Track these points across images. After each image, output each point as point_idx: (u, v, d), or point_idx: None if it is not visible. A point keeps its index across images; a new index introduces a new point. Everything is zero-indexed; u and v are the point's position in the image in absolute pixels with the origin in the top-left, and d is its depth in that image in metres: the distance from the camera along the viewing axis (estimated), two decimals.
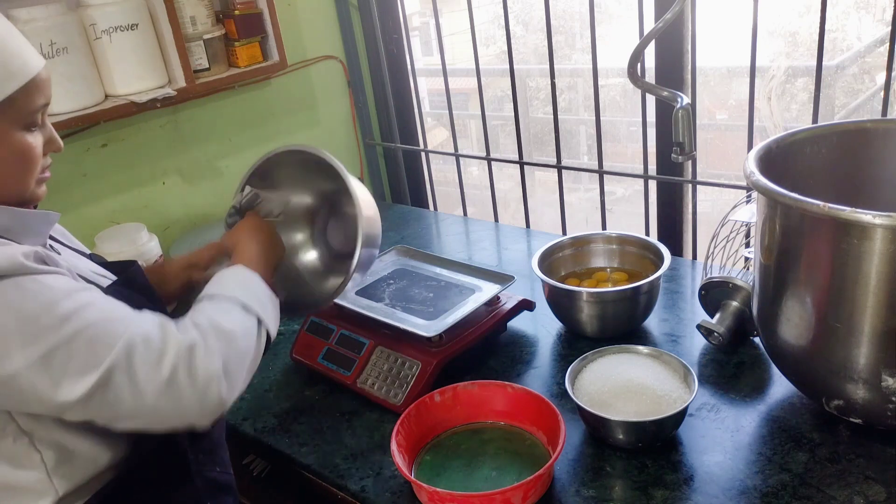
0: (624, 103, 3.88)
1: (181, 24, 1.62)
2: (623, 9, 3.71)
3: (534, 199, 2.57)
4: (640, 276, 1.35)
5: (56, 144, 0.89)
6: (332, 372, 1.31)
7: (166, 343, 0.81)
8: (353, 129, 2.22)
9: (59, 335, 0.75)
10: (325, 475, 1.11)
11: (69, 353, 0.76)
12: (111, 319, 0.79)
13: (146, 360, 0.79)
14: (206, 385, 0.82)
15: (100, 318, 0.78)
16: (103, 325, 0.78)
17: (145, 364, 0.79)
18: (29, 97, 0.82)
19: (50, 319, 0.75)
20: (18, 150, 0.83)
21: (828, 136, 1.12)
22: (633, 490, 1.00)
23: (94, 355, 0.77)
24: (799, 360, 1.02)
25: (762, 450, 1.04)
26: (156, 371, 0.79)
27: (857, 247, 0.86)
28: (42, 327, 0.75)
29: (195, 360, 0.81)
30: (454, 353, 1.24)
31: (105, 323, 0.78)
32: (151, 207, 1.77)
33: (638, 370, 1.12)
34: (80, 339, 0.76)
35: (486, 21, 3.90)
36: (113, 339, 0.78)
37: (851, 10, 3.33)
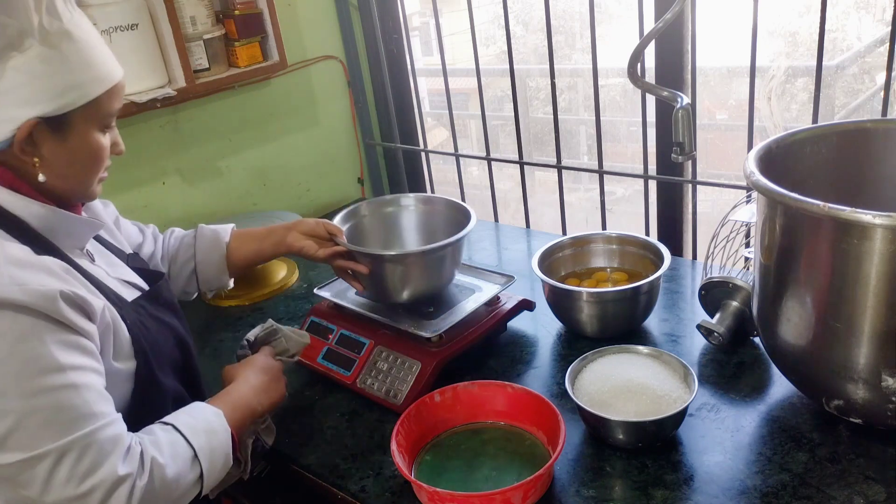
0: (624, 103, 3.88)
1: (181, 24, 1.62)
2: (623, 9, 3.71)
3: (534, 199, 2.57)
4: (640, 276, 1.35)
5: (119, 148, 0.96)
6: (332, 372, 1.31)
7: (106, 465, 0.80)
8: (353, 129, 2.22)
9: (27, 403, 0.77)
10: (325, 475, 1.11)
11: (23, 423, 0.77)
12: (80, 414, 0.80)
13: (74, 467, 0.79)
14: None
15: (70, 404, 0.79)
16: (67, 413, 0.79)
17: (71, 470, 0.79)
18: (110, 101, 0.89)
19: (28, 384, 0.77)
20: (93, 148, 0.89)
21: (828, 136, 1.12)
22: (633, 490, 1.00)
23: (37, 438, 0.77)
24: (799, 360, 1.02)
25: (762, 450, 1.04)
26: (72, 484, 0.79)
27: (857, 247, 0.86)
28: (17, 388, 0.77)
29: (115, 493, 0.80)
30: (454, 353, 1.24)
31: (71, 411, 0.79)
32: (151, 207, 1.77)
33: (638, 370, 1.12)
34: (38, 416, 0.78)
35: (486, 21, 3.91)
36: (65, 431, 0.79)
37: (851, 10, 3.33)
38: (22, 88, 0.81)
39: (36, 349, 0.78)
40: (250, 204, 1.99)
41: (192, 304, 1.69)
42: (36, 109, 0.82)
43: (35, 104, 0.82)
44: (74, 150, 0.88)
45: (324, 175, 2.17)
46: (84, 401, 0.81)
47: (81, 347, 0.83)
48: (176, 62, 1.62)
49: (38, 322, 0.79)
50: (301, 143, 2.08)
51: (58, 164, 0.87)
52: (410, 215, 1.44)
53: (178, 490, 0.88)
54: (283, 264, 1.79)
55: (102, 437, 0.81)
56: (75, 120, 0.86)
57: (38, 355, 0.78)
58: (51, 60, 0.82)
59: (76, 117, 0.86)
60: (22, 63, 0.81)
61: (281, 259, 1.78)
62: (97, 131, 0.89)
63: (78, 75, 0.84)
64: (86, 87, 0.85)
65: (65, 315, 0.81)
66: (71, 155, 0.88)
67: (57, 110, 0.83)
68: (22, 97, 0.81)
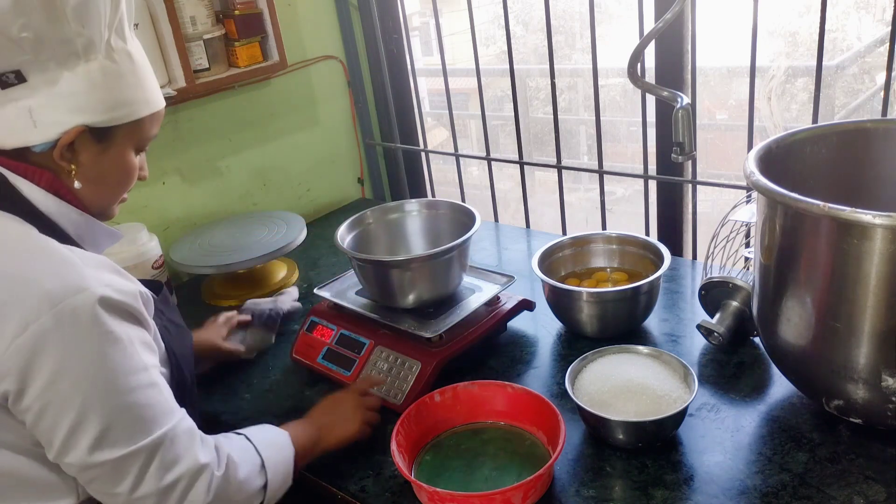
0: (624, 103, 3.88)
1: (181, 24, 1.62)
2: (623, 9, 3.71)
3: (534, 199, 2.56)
4: (640, 276, 1.35)
5: (144, 172, 0.99)
6: (332, 372, 1.31)
7: (187, 454, 0.85)
8: (353, 129, 2.22)
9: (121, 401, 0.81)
10: (325, 475, 1.11)
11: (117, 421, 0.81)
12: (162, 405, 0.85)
13: (163, 460, 0.84)
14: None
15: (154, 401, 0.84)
16: (154, 408, 0.84)
17: (161, 462, 0.83)
18: (151, 125, 0.94)
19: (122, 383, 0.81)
20: (127, 166, 0.93)
21: (828, 136, 1.12)
22: (633, 490, 1.00)
23: (133, 433, 0.82)
24: (799, 360, 1.02)
25: (762, 450, 1.04)
26: (162, 475, 0.84)
27: (857, 247, 0.86)
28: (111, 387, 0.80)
29: (196, 485, 0.86)
30: (454, 353, 1.24)
31: (156, 406, 0.84)
32: (151, 207, 1.77)
33: (638, 370, 1.12)
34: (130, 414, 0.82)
35: (486, 21, 3.90)
36: (156, 425, 0.83)
37: (851, 10, 3.33)
38: (78, 96, 0.84)
39: (126, 349, 0.82)
40: (250, 204, 1.99)
41: (191, 305, 1.69)
42: (86, 118, 0.85)
43: (86, 113, 0.85)
44: (110, 163, 0.91)
45: (324, 175, 2.17)
46: (164, 397, 0.86)
47: (152, 346, 0.88)
48: (176, 62, 1.62)
49: (125, 321, 0.83)
50: (301, 143, 2.08)
51: (92, 174, 0.90)
52: (415, 221, 1.45)
53: (245, 493, 0.91)
54: (283, 264, 1.79)
55: (182, 429, 0.86)
56: (118, 135, 0.90)
57: (128, 354, 0.82)
58: (110, 75, 0.86)
59: (119, 133, 0.90)
60: (83, 72, 0.85)
61: (281, 259, 1.78)
62: (133, 151, 0.93)
63: (131, 94, 0.89)
64: (135, 106, 0.90)
65: (142, 313, 0.86)
66: (106, 168, 0.91)
67: (105, 122, 0.87)
68: (76, 104, 0.85)
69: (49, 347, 0.77)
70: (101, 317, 0.80)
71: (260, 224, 1.75)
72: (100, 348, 0.80)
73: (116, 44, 0.87)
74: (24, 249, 0.82)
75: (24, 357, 0.77)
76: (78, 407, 0.79)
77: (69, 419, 0.79)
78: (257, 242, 1.65)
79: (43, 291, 0.78)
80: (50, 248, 0.83)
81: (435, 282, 1.28)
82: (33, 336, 0.77)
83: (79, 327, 0.78)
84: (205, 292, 1.72)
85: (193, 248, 1.66)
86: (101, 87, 0.86)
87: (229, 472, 0.89)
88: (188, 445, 0.86)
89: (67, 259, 0.82)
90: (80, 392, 0.79)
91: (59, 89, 0.83)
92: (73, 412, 0.79)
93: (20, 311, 0.77)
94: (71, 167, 0.87)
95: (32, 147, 0.85)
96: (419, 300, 1.28)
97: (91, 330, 0.79)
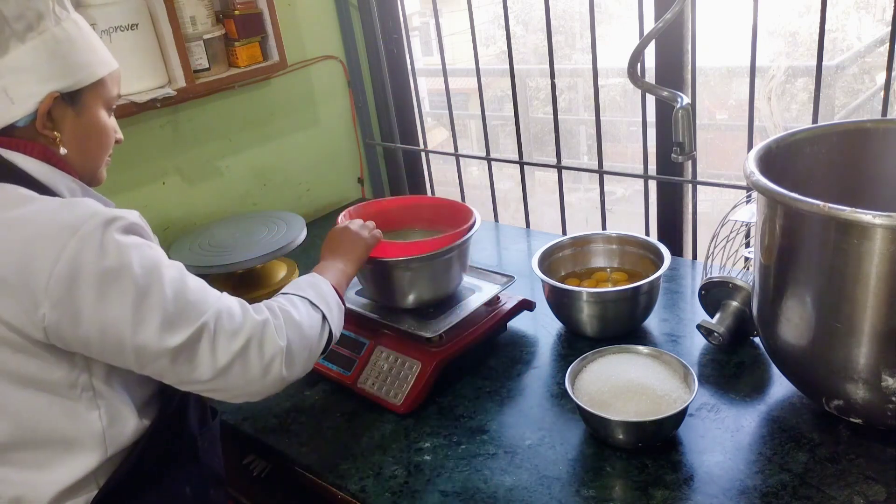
0: (624, 103, 3.88)
1: (181, 24, 1.62)
2: (623, 9, 3.71)
3: (534, 199, 2.57)
4: (640, 276, 1.35)
5: (119, 135, 1.03)
6: (332, 372, 1.31)
7: (245, 318, 0.93)
8: (353, 129, 2.22)
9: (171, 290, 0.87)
10: (325, 475, 1.11)
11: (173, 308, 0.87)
12: (204, 289, 0.92)
13: (226, 329, 0.90)
14: (271, 360, 0.93)
15: (196, 287, 0.91)
16: (198, 293, 0.90)
17: (225, 332, 0.90)
18: (112, 84, 0.98)
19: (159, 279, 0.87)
20: (103, 125, 0.98)
21: (828, 136, 1.12)
22: (633, 490, 1.00)
23: (189, 315, 0.88)
24: (799, 360, 1.02)
25: (762, 450, 1.04)
26: (232, 341, 0.90)
27: (857, 247, 0.86)
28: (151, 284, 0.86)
29: (266, 336, 0.93)
30: (454, 353, 1.24)
31: (200, 291, 0.91)
32: (151, 207, 1.77)
33: (638, 370, 1.12)
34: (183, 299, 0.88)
35: (486, 21, 3.91)
36: (206, 305, 0.90)
37: (851, 10, 3.33)
38: (41, 66, 0.89)
39: (151, 249, 0.89)
40: (250, 204, 1.99)
41: None
42: (54, 84, 0.90)
43: (53, 80, 0.90)
44: (87, 125, 0.96)
45: (324, 175, 2.17)
46: (202, 282, 0.93)
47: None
48: (176, 62, 1.62)
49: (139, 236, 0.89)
50: (301, 143, 2.08)
51: (75, 138, 0.95)
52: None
53: (312, 327, 1.00)
54: (283, 264, 1.79)
55: (230, 302, 0.94)
56: (86, 97, 0.95)
57: (155, 254, 0.89)
58: (63, 42, 0.91)
59: (87, 94, 0.95)
60: (40, 43, 0.90)
61: (281, 259, 1.78)
62: (104, 110, 0.98)
63: (86, 56, 0.94)
64: (93, 67, 0.94)
65: (149, 232, 0.92)
66: (85, 130, 0.96)
67: (72, 86, 0.92)
68: (42, 74, 0.89)
69: (84, 267, 0.82)
70: (122, 227, 0.86)
71: (260, 224, 1.75)
72: (130, 252, 0.85)
73: (60, 12, 0.92)
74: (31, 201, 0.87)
75: (66, 285, 0.81)
76: (132, 309, 0.84)
77: (129, 324, 0.84)
78: (257, 242, 1.65)
79: (61, 223, 0.83)
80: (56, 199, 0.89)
81: (435, 282, 1.28)
82: (67, 262, 0.81)
83: (105, 240, 0.84)
84: None
85: (193, 248, 1.66)
86: (59, 54, 0.91)
87: (290, 315, 0.98)
88: (242, 312, 0.93)
89: (73, 201, 0.88)
90: (130, 295, 0.84)
91: (23, 63, 0.88)
92: (130, 315, 0.84)
93: (48, 243, 0.82)
94: (55, 135, 0.92)
95: (16, 122, 0.90)
96: (419, 300, 1.28)
97: (117, 239, 0.84)
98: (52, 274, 0.81)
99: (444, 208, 1.41)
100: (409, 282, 1.26)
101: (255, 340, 0.92)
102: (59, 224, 0.83)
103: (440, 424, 1.18)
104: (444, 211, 1.40)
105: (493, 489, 1.03)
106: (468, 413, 1.20)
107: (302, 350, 0.97)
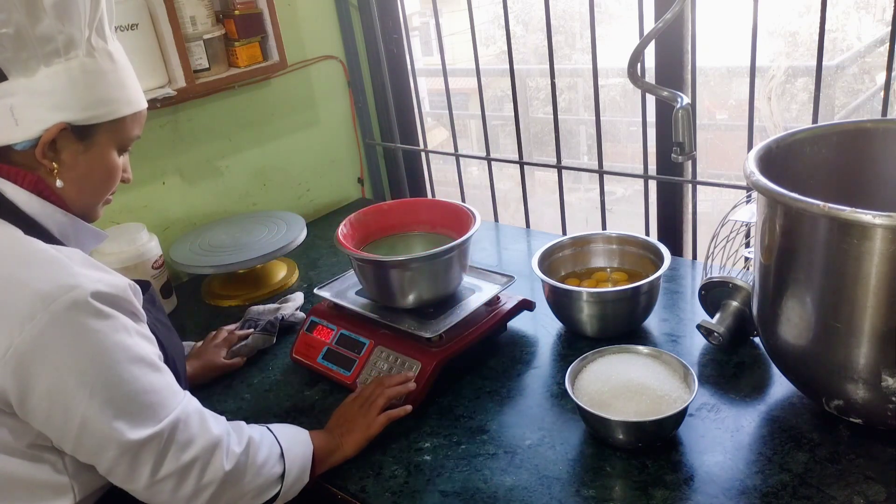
0: (624, 103, 3.88)
1: (181, 24, 1.62)
2: (623, 9, 3.71)
3: (534, 199, 2.56)
4: (640, 276, 1.35)
5: (128, 175, 0.99)
6: (332, 372, 1.31)
7: (201, 431, 0.88)
8: (353, 129, 2.22)
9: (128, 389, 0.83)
10: (325, 475, 1.11)
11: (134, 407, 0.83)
12: (169, 388, 0.87)
13: (178, 441, 0.86)
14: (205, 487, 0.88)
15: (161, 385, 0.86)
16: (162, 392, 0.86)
17: (176, 444, 0.85)
18: (133, 125, 0.94)
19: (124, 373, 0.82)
20: (110, 165, 0.93)
21: (828, 136, 1.12)
22: (633, 490, 1.00)
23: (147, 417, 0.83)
24: (799, 360, 1.02)
25: (762, 450, 1.04)
26: (180, 455, 0.86)
27: (857, 247, 0.86)
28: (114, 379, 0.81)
29: (213, 458, 0.88)
30: (454, 353, 1.24)
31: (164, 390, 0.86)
32: (151, 207, 1.77)
33: (638, 370, 1.12)
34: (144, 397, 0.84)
35: (486, 21, 3.90)
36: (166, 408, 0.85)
37: (851, 10, 3.33)
38: (59, 93, 0.85)
39: (125, 339, 0.83)
40: (250, 204, 1.99)
41: (191, 304, 1.69)
42: (67, 115, 0.86)
43: (67, 110, 0.86)
44: (92, 162, 0.91)
45: (324, 175, 2.17)
46: (168, 381, 0.88)
47: (148, 336, 0.89)
48: (176, 62, 1.62)
49: (120, 313, 0.83)
50: (301, 143, 2.08)
51: (74, 173, 0.90)
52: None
53: (263, 477, 0.93)
54: (283, 264, 1.79)
55: (192, 408, 0.89)
56: (100, 134, 0.90)
57: (127, 344, 0.83)
58: (91, 73, 0.87)
59: (101, 132, 0.90)
60: (63, 70, 0.85)
61: (281, 259, 1.78)
62: (115, 151, 0.93)
63: (112, 92, 0.89)
64: (116, 105, 0.90)
65: (135, 304, 0.87)
66: (88, 167, 0.91)
67: (86, 120, 0.88)
68: (57, 102, 0.85)
69: (49, 346, 0.78)
70: (96, 310, 0.80)
71: (260, 224, 1.75)
72: (99, 340, 0.80)
73: (97, 42, 0.88)
74: (11, 253, 0.82)
75: (25, 359, 0.77)
76: (86, 400, 0.80)
77: (79, 413, 0.80)
78: (257, 242, 1.65)
79: (35, 292, 0.78)
80: (37, 250, 0.83)
81: (435, 282, 1.28)
82: (31, 337, 0.77)
83: (75, 323, 0.79)
84: (205, 292, 1.72)
85: (193, 248, 1.66)
86: (82, 84, 0.86)
87: (249, 450, 0.92)
88: (200, 422, 0.88)
89: (55, 259, 0.82)
90: (86, 385, 0.80)
91: (40, 86, 0.84)
92: (82, 406, 0.80)
93: (14, 313, 0.77)
94: (53, 165, 0.88)
95: (14, 145, 0.85)
96: (419, 300, 1.28)
97: (88, 324, 0.79)
98: (13, 345, 0.77)
99: (444, 210, 1.41)
100: (409, 282, 1.26)
101: (200, 461, 0.87)
102: (32, 290, 0.78)
103: (440, 424, 1.18)
104: (445, 213, 1.40)
105: (493, 489, 1.03)
106: (468, 413, 1.20)
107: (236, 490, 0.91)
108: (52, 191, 0.89)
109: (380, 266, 1.26)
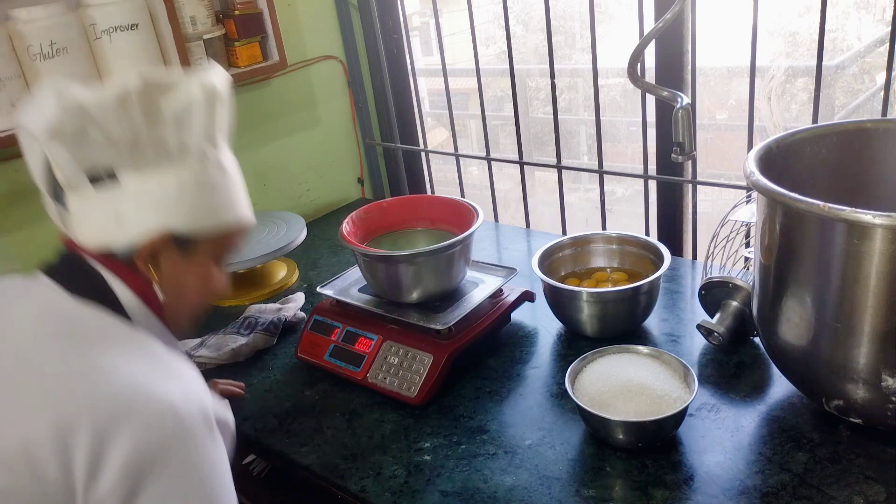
0: (624, 103, 3.88)
1: (181, 24, 1.62)
2: (623, 9, 3.71)
3: (534, 199, 2.57)
4: (640, 276, 1.35)
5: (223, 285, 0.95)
6: (340, 369, 1.31)
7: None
8: (353, 129, 2.22)
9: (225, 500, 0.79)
10: (325, 475, 1.11)
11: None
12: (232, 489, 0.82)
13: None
14: None
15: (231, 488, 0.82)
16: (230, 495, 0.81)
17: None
18: (237, 238, 0.93)
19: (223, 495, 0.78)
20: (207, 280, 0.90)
21: (828, 136, 1.12)
22: (633, 490, 1.00)
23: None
24: (799, 360, 1.02)
25: (762, 450, 1.04)
26: None
27: (857, 247, 0.86)
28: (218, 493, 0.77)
29: None
30: (464, 345, 1.25)
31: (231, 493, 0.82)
32: None
33: (638, 370, 1.12)
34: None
35: (486, 21, 3.91)
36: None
37: (851, 10, 3.34)
38: (167, 201, 0.82)
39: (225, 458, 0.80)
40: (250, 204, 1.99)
41: None
42: (171, 221, 0.83)
43: (172, 216, 0.83)
44: (190, 275, 0.88)
45: (324, 175, 2.17)
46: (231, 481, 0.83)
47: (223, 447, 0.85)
48: (176, 62, 1.62)
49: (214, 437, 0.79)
50: (301, 143, 2.08)
51: (172, 285, 0.87)
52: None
53: None
54: (283, 264, 1.79)
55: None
56: (201, 245, 0.87)
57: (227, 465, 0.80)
58: (201, 183, 0.85)
59: (203, 243, 0.87)
60: (175, 177, 0.83)
61: (281, 259, 1.78)
62: (215, 264, 0.91)
63: (219, 203, 0.87)
64: (223, 216, 0.88)
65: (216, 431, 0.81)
66: (186, 279, 0.88)
67: (190, 231, 0.85)
68: (164, 209, 0.82)
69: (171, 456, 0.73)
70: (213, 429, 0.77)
71: (260, 224, 1.75)
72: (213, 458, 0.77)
73: (209, 152, 0.87)
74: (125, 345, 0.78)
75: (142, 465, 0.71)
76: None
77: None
78: (257, 242, 1.65)
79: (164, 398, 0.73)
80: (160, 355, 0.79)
81: (441, 275, 1.29)
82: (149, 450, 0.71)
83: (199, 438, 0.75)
84: None
85: None
86: (191, 193, 0.84)
87: None
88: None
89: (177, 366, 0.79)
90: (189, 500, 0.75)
91: (148, 192, 0.81)
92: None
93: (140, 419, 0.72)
94: (152, 273, 0.84)
95: (114, 248, 0.82)
96: (426, 294, 1.29)
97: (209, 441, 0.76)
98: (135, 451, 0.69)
99: (446, 206, 1.42)
100: (417, 276, 1.26)
101: None
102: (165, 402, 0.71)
103: (440, 424, 1.18)
104: (447, 209, 1.41)
105: (493, 489, 1.03)
106: (468, 413, 1.20)
107: None
108: (154, 298, 0.86)
109: (388, 261, 1.26)
